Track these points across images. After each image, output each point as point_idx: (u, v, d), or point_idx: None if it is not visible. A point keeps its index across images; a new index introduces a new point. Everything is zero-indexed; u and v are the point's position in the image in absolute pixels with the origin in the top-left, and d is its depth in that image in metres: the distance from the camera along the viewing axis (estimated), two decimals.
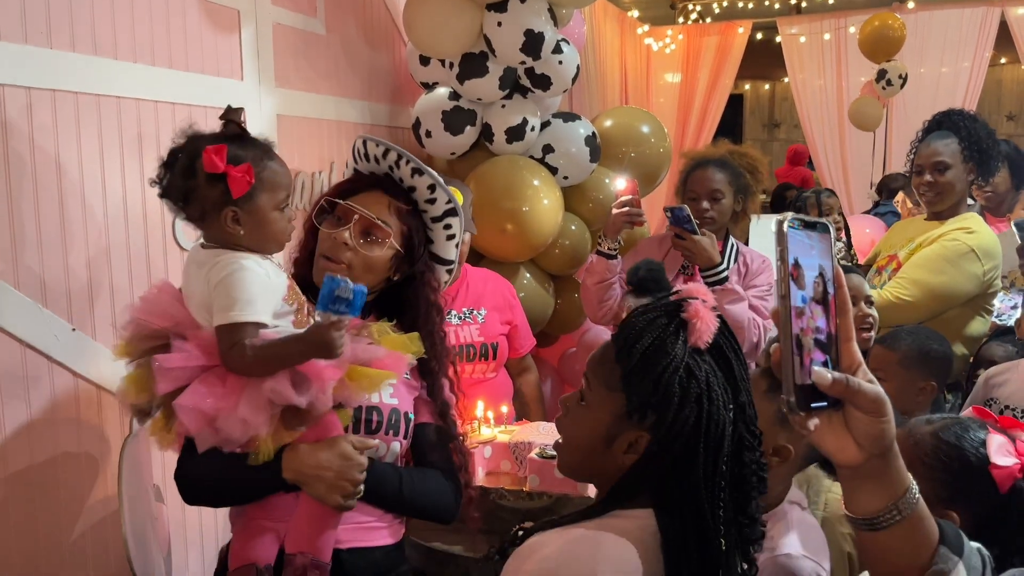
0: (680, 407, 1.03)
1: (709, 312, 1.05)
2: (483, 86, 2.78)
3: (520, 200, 2.79)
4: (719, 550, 1.03)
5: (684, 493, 1.04)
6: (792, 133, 9.44)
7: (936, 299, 2.45)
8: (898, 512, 0.78)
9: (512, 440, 2.08)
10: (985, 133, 2.52)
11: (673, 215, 2.42)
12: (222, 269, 1.36)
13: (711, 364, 1.05)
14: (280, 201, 1.41)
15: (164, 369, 1.33)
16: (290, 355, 1.36)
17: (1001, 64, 7.82)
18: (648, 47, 6.31)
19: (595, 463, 1.11)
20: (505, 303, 2.55)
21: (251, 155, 1.36)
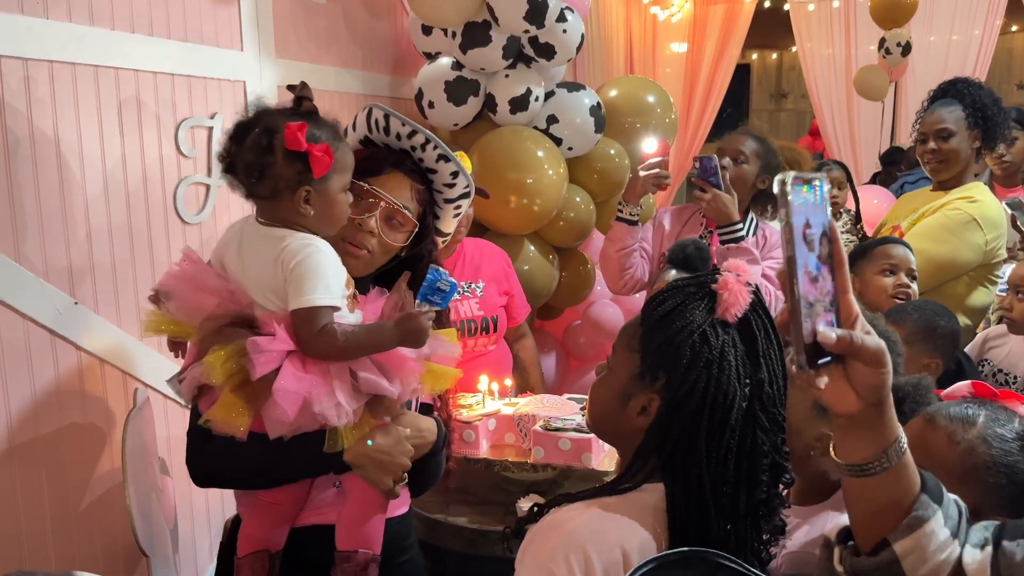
0: (688, 370, 1.03)
1: (742, 287, 1.04)
2: (486, 55, 2.75)
3: (524, 171, 2.76)
4: (722, 530, 1.03)
5: (687, 464, 1.03)
6: (800, 103, 9.35)
7: (937, 269, 2.43)
8: (887, 460, 0.82)
9: (516, 413, 2.08)
10: (990, 100, 2.49)
11: (701, 165, 2.40)
12: (297, 251, 1.33)
13: (733, 337, 1.04)
14: (347, 183, 1.39)
15: (263, 352, 1.29)
16: (382, 342, 1.36)
17: (1012, 32, 7.71)
18: (654, 16, 6.21)
19: (614, 424, 1.13)
20: (502, 273, 2.53)
21: (327, 134, 1.34)
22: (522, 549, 1.06)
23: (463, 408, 2.12)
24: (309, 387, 1.31)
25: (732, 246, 2.37)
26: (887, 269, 2.22)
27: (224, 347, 1.31)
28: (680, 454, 1.04)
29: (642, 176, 2.47)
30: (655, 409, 1.06)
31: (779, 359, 1.06)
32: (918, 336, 2.00)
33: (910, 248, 2.27)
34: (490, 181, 2.65)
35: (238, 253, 1.39)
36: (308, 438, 1.34)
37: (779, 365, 1.06)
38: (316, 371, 1.33)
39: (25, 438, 1.72)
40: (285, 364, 1.31)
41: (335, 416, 1.32)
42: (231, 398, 1.31)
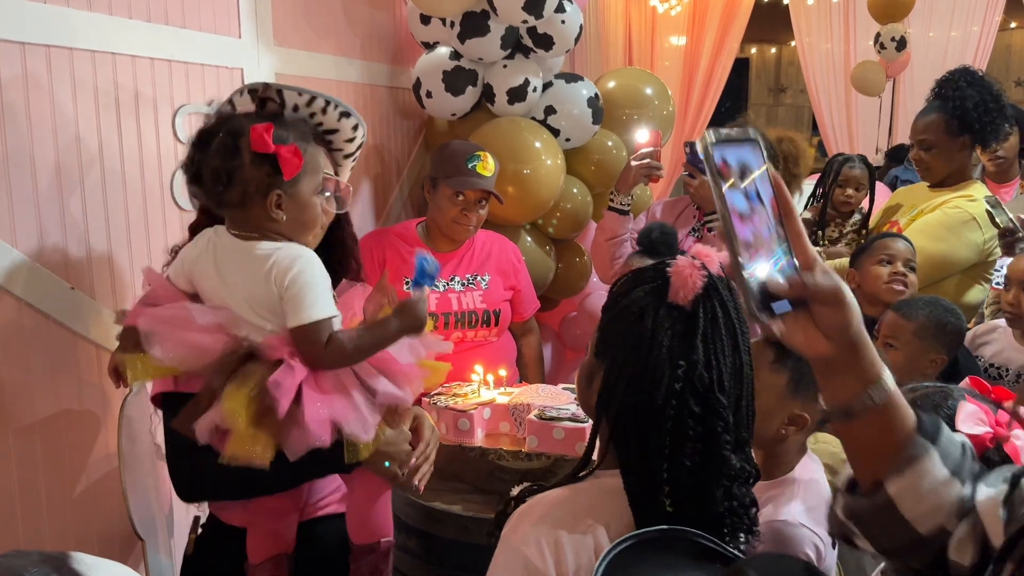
0: (620, 348, 1.06)
1: (695, 271, 1.03)
2: (484, 46, 2.74)
3: (522, 162, 2.76)
4: (663, 511, 1.03)
5: (626, 445, 1.06)
6: (798, 98, 9.34)
7: (935, 266, 2.44)
8: (870, 398, 0.80)
9: (512, 402, 2.09)
10: (976, 101, 2.46)
11: (692, 150, 2.41)
12: (290, 266, 1.30)
13: (674, 318, 1.04)
14: (319, 185, 1.37)
15: (286, 389, 1.26)
16: (387, 337, 1.36)
17: (1011, 29, 7.71)
18: (653, 8, 6.20)
19: (585, 401, 1.17)
20: (510, 267, 2.54)
21: (294, 135, 1.31)
22: (502, 536, 1.08)
23: (458, 397, 2.13)
24: (334, 409, 1.30)
25: (718, 233, 2.38)
26: (884, 259, 2.24)
27: (240, 387, 1.28)
28: (620, 430, 1.07)
29: (634, 166, 2.48)
30: (599, 387, 1.10)
31: (728, 345, 1.05)
32: (929, 332, 2.03)
33: (911, 243, 2.29)
34: None
35: (216, 271, 1.35)
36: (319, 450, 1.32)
37: (725, 351, 1.05)
38: (332, 388, 1.31)
39: (21, 423, 1.73)
40: (304, 391, 1.29)
41: (364, 432, 1.31)
42: (251, 432, 1.28)
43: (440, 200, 2.39)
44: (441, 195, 2.39)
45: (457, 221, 2.39)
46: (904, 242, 2.30)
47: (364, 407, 1.33)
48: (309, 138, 1.35)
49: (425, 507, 1.97)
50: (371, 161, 3.04)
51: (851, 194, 3.09)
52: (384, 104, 3.11)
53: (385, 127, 3.13)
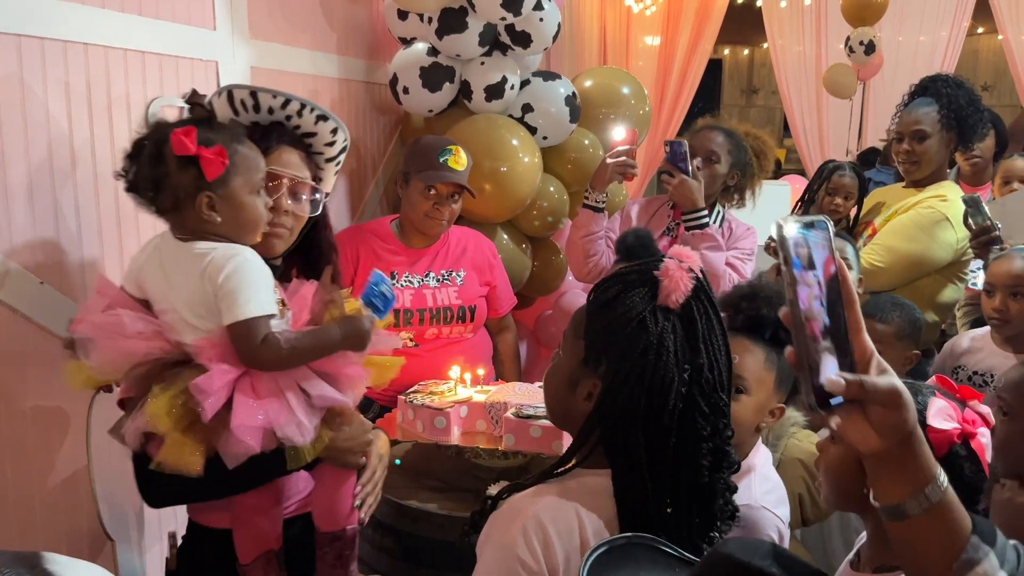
0: (625, 356, 1.05)
1: (684, 273, 1.05)
2: (462, 42, 2.73)
3: (499, 160, 2.76)
4: (662, 513, 1.04)
5: (628, 447, 1.06)
6: (770, 100, 9.45)
7: (909, 266, 2.48)
8: (925, 499, 0.77)
9: (488, 400, 2.08)
10: (967, 101, 2.52)
11: (671, 150, 2.42)
12: (224, 263, 1.30)
13: (673, 323, 1.05)
14: (256, 185, 1.36)
15: (209, 394, 1.25)
16: (328, 345, 1.35)
17: (978, 34, 7.86)
18: (628, 8, 6.23)
19: (564, 410, 1.15)
20: (486, 263, 2.54)
21: (222, 137, 1.32)
22: (483, 536, 1.08)
23: (435, 395, 2.12)
24: (267, 414, 1.28)
25: (697, 232, 2.40)
26: None
27: (165, 391, 1.27)
28: (621, 438, 1.06)
29: (609, 164, 2.49)
30: (598, 395, 1.08)
31: (722, 344, 1.08)
32: (905, 331, 2.09)
33: (849, 242, 2.31)
34: None
35: (163, 275, 1.35)
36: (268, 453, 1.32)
37: (721, 350, 1.07)
38: (267, 392, 1.30)
39: None
40: (236, 396, 1.28)
41: (299, 436, 1.30)
42: (181, 439, 1.27)
43: (412, 195, 2.38)
44: (413, 190, 2.38)
45: (429, 215, 2.38)
46: (840, 239, 2.31)
47: (300, 411, 1.31)
48: (243, 140, 1.36)
49: (401, 505, 1.96)
50: (347, 157, 3.00)
51: (840, 203, 3.05)
52: (360, 99, 3.09)
53: (361, 123, 3.11)
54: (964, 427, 1.20)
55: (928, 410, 1.22)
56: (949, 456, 1.19)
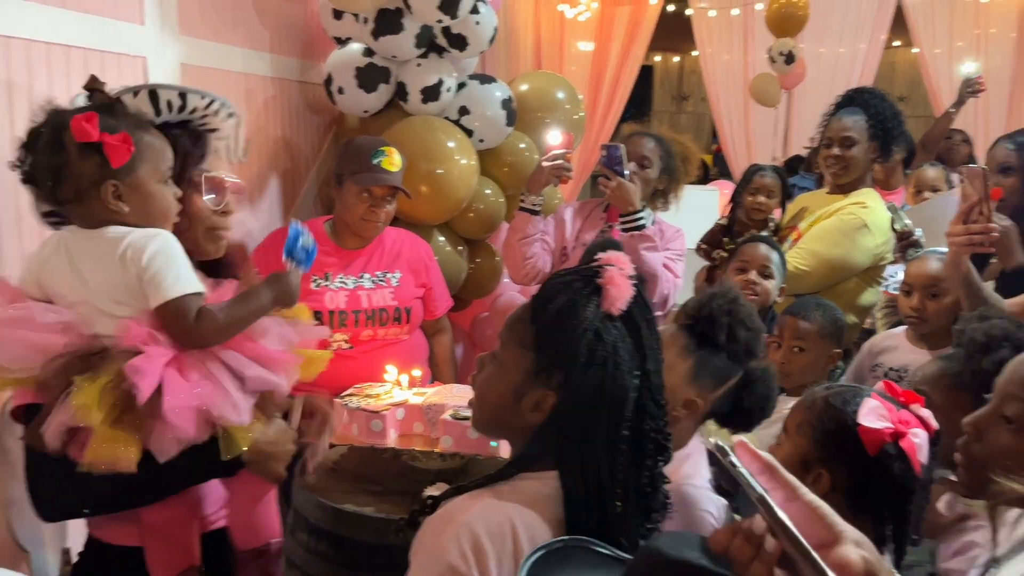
0: (585, 368, 1.06)
1: (625, 280, 1.07)
2: (398, 43, 2.73)
3: (435, 162, 2.76)
4: (615, 513, 1.07)
5: (585, 455, 1.07)
6: (699, 106, 9.66)
7: (832, 270, 2.57)
8: None
9: (425, 402, 2.08)
10: (891, 113, 2.63)
11: (608, 153, 2.47)
12: (145, 244, 1.25)
13: (621, 330, 1.08)
14: (164, 174, 1.32)
15: (145, 374, 1.20)
16: (260, 307, 1.33)
17: (895, 47, 8.19)
18: (562, 13, 6.29)
19: (504, 420, 1.14)
20: (422, 265, 2.53)
21: (125, 124, 1.26)
22: (416, 542, 1.07)
23: (370, 398, 2.11)
24: (200, 396, 1.25)
25: (635, 233, 2.44)
26: (739, 267, 2.35)
27: (92, 380, 1.21)
28: (578, 446, 1.07)
29: (545, 167, 2.53)
30: (550, 405, 1.09)
31: (659, 346, 1.11)
32: (828, 331, 2.17)
33: (775, 247, 2.39)
34: None
35: (71, 267, 1.29)
36: (193, 449, 1.27)
37: (659, 351, 1.11)
38: (197, 375, 1.27)
39: None
40: (166, 379, 1.23)
41: (236, 415, 1.27)
42: (111, 432, 1.21)
43: (347, 197, 2.37)
44: (347, 192, 2.36)
45: (365, 218, 2.37)
46: (765, 247, 2.38)
47: (234, 392, 1.29)
48: (147, 127, 1.32)
49: (336, 509, 1.94)
50: (279, 157, 2.97)
51: (762, 201, 3.17)
52: (294, 99, 3.05)
53: (294, 122, 3.07)
54: (896, 427, 1.24)
55: (861, 410, 1.27)
56: (880, 456, 1.24)
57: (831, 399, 1.32)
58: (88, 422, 1.20)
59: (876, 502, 1.25)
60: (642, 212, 2.48)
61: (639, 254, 2.44)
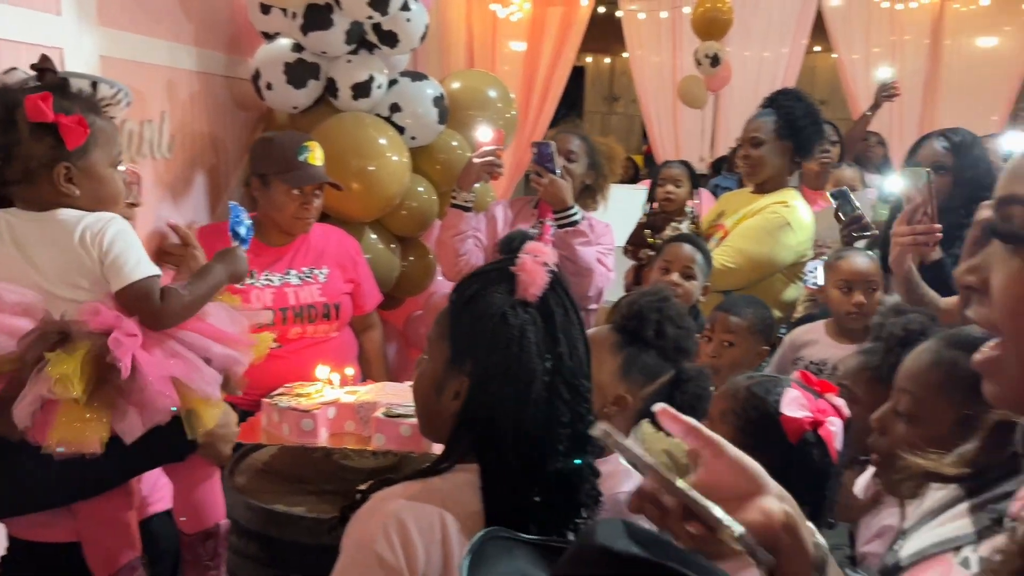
0: (491, 351, 1.08)
1: (539, 267, 1.09)
2: (328, 39, 2.70)
3: (366, 158, 2.74)
4: (535, 503, 1.08)
5: (497, 440, 1.08)
6: (630, 107, 9.79)
7: (757, 267, 2.65)
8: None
9: (357, 400, 2.07)
10: (803, 113, 2.72)
11: (539, 151, 2.50)
12: (103, 228, 1.25)
13: (533, 315, 1.09)
14: (115, 158, 1.32)
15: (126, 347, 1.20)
16: (217, 284, 1.37)
17: (815, 52, 8.46)
18: (494, 13, 6.31)
19: (432, 414, 1.16)
20: (349, 260, 2.52)
21: (79, 106, 1.26)
22: (346, 533, 1.08)
23: (301, 397, 2.08)
24: (176, 369, 1.27)
25: (570, 229, 2.48)
26: (663, 267, 2.40)
27: (71, 354, 1.19)
28: (489, 432, 1.09)
29: (476, 164, 2.55)
30: (465, 392, 1.10)
31: (579, 332, 1.13)
32: (758, 327, 2.23)
33: (698, 246, 2.45)
34: (331, 167, 2.61)
35: (17, 251, 1.27)
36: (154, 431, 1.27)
37: (578, 338, 1.13)
38: (162, 353, 1.28)
39: None
40: (137, 358, 1.23)
41: (211, 389, 1.30)
42: (79, 412, 1.19)
43: (276, 197, 2.34)
44: (276, 192, 2.34)
45: (298, 216, 2.36)
46: (689, 247, 2.43)
47: (204, 368, 1.31)
48: (99, 110, 1.31)
49: (265, 510, 1.91)
50: (206, 153, 2.91)
51: (672, 190, 3.37)
52: (220, 94, 2.98)
53: (221, 118, 3.00)
54: (815, 416, 1.29)
55: (782, 400, 1.31)
56: (801, 443, 1.29)
57: (753, 388, 1.36)
58: (67, 395, 1.18)
59: (795, 488, 1.29)
60: (575, 208, 2.52)
61: (575, 249, 2.48)
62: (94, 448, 1.21)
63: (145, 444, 1.27)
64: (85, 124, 1.24)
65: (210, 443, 1.40)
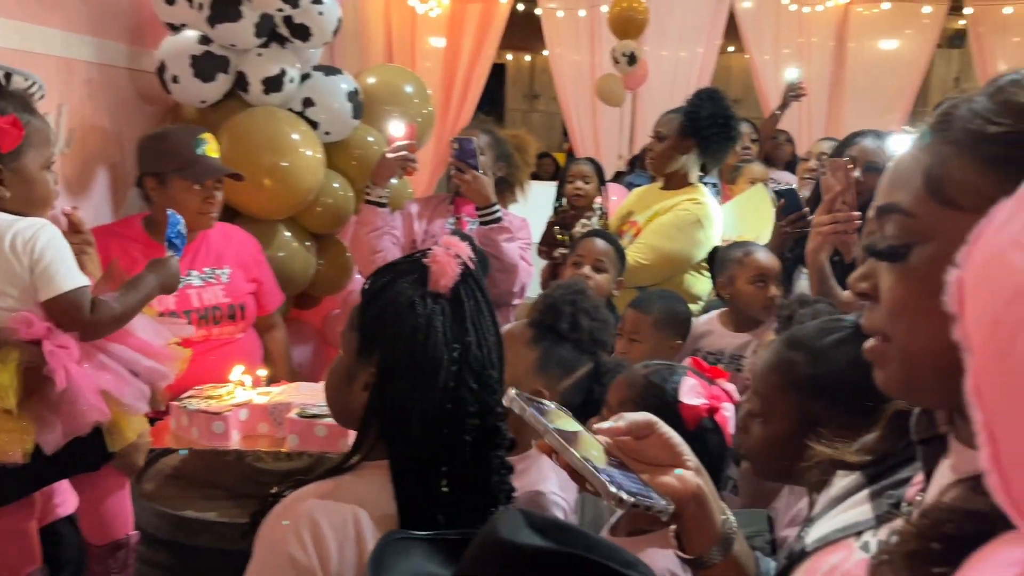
0: (396, 339, 1.08)
1: (451, 259, 1.09)
2: (237, 32, 2.63)
3: (279, 154, 2.69)
4: (444, 495, 1.08)
5: (404, 432, 1.08)
6: (551, 105, 9.85)
7: (670, 263, 2.71)
8: (719, 549, 0.84)
9: (271, 401, 2.02)
10: (708, 113, 2.75)
11: (460, 147, 2.48)
12: (35, 236, 1.22)
13: (443, 306, 1.09)
14: (48, 160, 1.29)
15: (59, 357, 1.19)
16: (148, 295, 1.35)
17: (729, 52, 8.69)
18: (413, 9, 6.26)
19: (343, 405, 1.15)
20: (251, 259, 2.47)
21: (13, 106, 1.21)
22: (258, 536, 1.06)
23: (212, 399, 2.02)
24: (107, 382, 1.27)
25: (494, 225, 2.48)
26: (575, 261, 2.45)
27: (5, 363, 1.18)
28: (396, 422, 1.08)
29: (389, 159, 2.53)
30: (374, 382, 1.10)
31: (490, 324, 1.14)
32: (664, 322, 2.26)
33: (610, 241, 2.49)
34: (243, 163, 2.56)
35: None
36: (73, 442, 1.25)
37: (490, 330, 1.13)
38: (91, 366, 1.24)
39: None
40: (68, 369, 1.23)
41: (140, 403, 1.27)
42: (9, 422, 1.18)
43: (176, 195, 2.26)
44: (176, 189, 2.27)
45: (202, 211, 2.30)
46: (601, 241, 2.47)
47: (133, 380, 1.30)
48: (33, 110, 1.26)
49: (175, 517, 1.85)
50: (108, 148, 2.79)
51: (580, 186, 3.40)
52: (122, 87, 2.87)
53: (124, 112, 2.89)
54: (711, 402, 1.34)
55: (680, 388, 1.35)
56: (698, 429, 1.33)
57: (651, 377, 1.40)
58: (4, 405, 1.17)
59: None
60: (497, 204, 2.53)
61: (500, 246, 2.48)
62: (17, 459, 1.19)
63: (62, 454, 1.24)
64: (20, 125, 1.21)
65: (126, 452, 1.37)
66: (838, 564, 0.73)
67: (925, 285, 0.61)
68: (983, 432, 0.39)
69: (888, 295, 0.66)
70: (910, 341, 0.65)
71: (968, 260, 0.41)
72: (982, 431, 0.39)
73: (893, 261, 0.65)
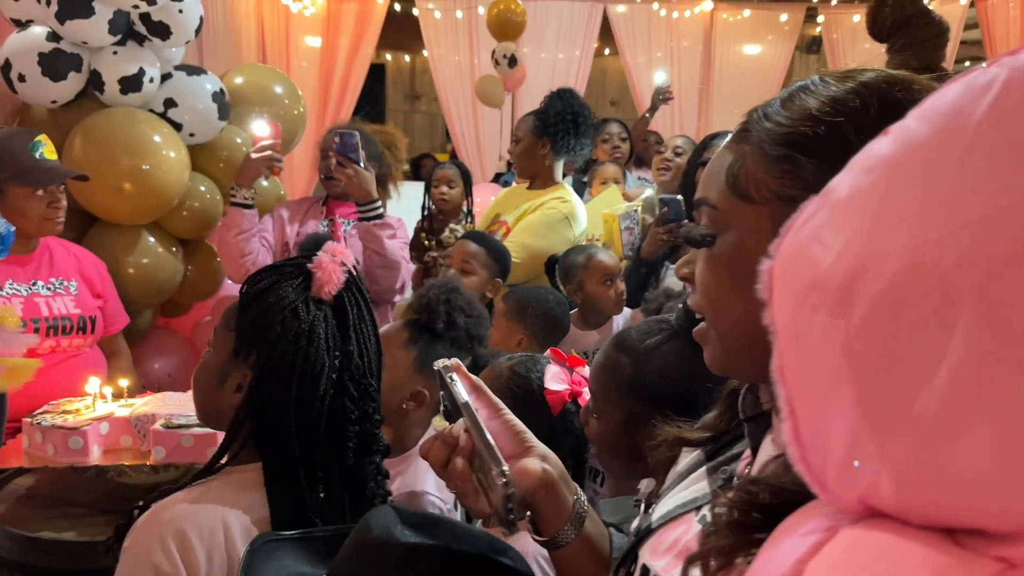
0: (277, 343, 1.08)
1: (336, 266, 1.09)
2: (89, 29, 2.51)
3: (139, 156, 2.58)
4: (316, 500, 1.08)
5: (280, 436, 1.08)
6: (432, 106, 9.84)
7: (539, 260, 2.77)
8: (571, 528, 0.89)
9: (133, 413, 1.95)
10: (557, 111, 2.82)
11: (342, 140, 2.45)
12: None
13: (325, 312, 1.10)
14: None
15: None
16: None
17: (606, 55, 8.92)
18: (287, 7, 6.13)
19: (214, 406, 1.14)
20: (96, 274, 2.39)
21: None
22: (123, 548, 1.03)
23: (68, 414, 1.93)
24: None
25: (377, 222, 2.46)
26: (444, 265, 2.51)
27: None
28: (271, 426, 1.08)
29: (254, 159, 2.47)
30: (247, 384, 1.09)
31: (372, 333, 1.15)
32: (513, 315, 2.30)
33: (480, 242, 2.53)
34: (100, 166, 2.45)
35: None
36: None
37: (371, 339, 1.15)
38: None
39: None
40: None
41: None
42: None
43: (16, 203, 2.15)
44: (16, 197, 2.15)
45: (47, 217, 2.20)
46: (470, 244, 2.51)
47: None
48: None
49: (29, 538, 1.76)
50: None
51: (445, 191, 3.42)
52: None
53: None
54: (572, 388, 1.41)
55: (545, 376, 1.41)
56: (562, 414, 1.39)
57: (516, 368, 1.46)
58: None
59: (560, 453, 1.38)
60: (379, 200, 2.51)
61: (383, 243, 2.45)
62: None
63: None
64: None
65: None
66: (679, 538, 0.78)
67: (728, 269, 0.68)
68: (785, 407, 0.42)
69: (700, 279, 0.72)
70: (721, 321, 0.71)
71: (778, 251, 0.44)
72: (784, 406, 0.42)
73: (702, 247, 0.71)
